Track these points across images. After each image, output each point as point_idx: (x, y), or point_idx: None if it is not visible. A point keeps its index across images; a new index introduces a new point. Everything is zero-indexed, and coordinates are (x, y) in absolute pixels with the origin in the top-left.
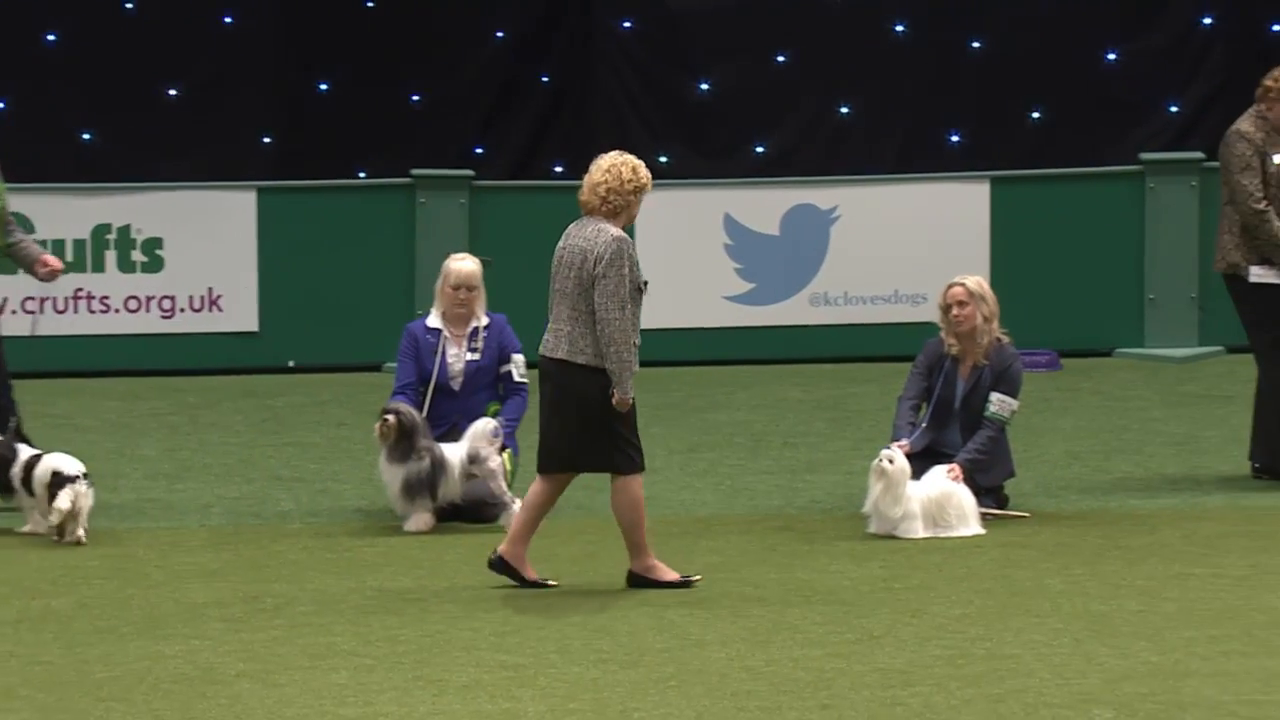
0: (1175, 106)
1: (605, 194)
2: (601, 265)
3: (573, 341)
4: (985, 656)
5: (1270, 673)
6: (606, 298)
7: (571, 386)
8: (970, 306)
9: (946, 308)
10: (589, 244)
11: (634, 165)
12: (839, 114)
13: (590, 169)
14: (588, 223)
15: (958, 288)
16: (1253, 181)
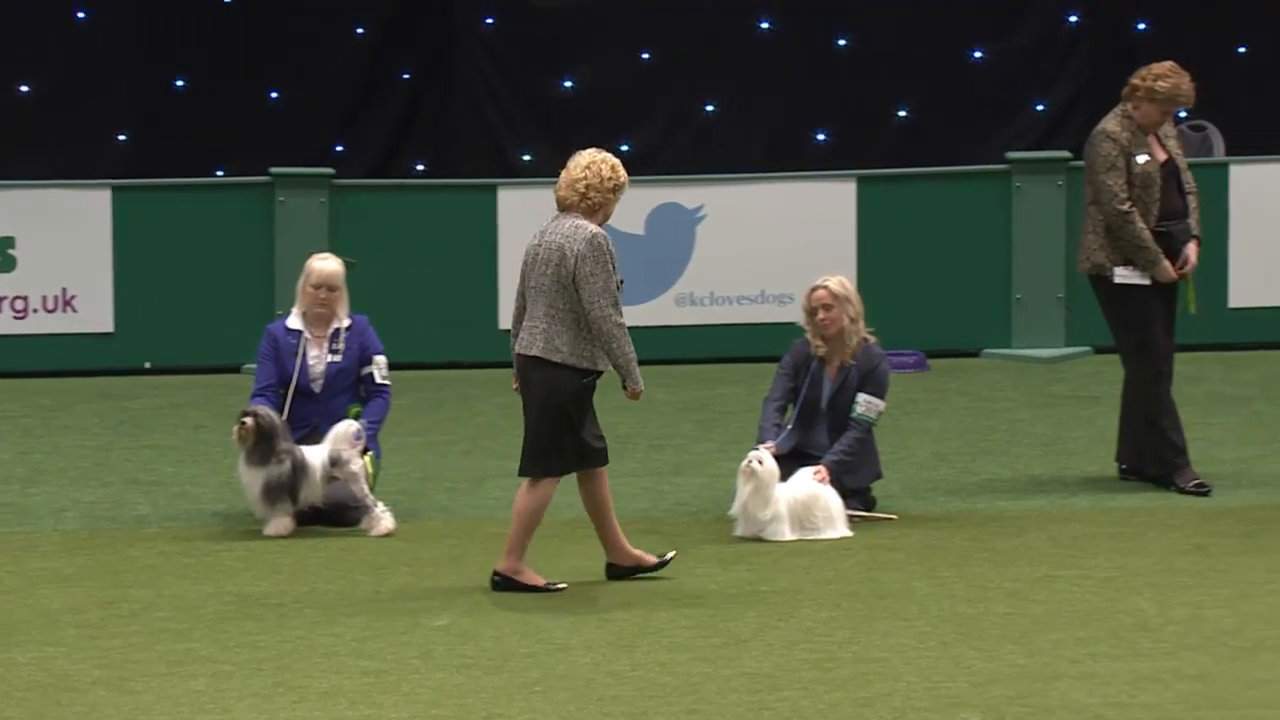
0: (1041, 105)
1: (585, 190)
2: (585, 264)
3: (548, 339)
4: (852, 660)
5: (1138, 675)
6: (596, 295)
7: (543, 384)
8: (836, 309)
9: (812, 311)
10: (567, 241)
11: (613, 163)
12: (704, 112)
13: (568, 165)
14: (564, 219)
15: (821, 290)
16: (1118, 182)
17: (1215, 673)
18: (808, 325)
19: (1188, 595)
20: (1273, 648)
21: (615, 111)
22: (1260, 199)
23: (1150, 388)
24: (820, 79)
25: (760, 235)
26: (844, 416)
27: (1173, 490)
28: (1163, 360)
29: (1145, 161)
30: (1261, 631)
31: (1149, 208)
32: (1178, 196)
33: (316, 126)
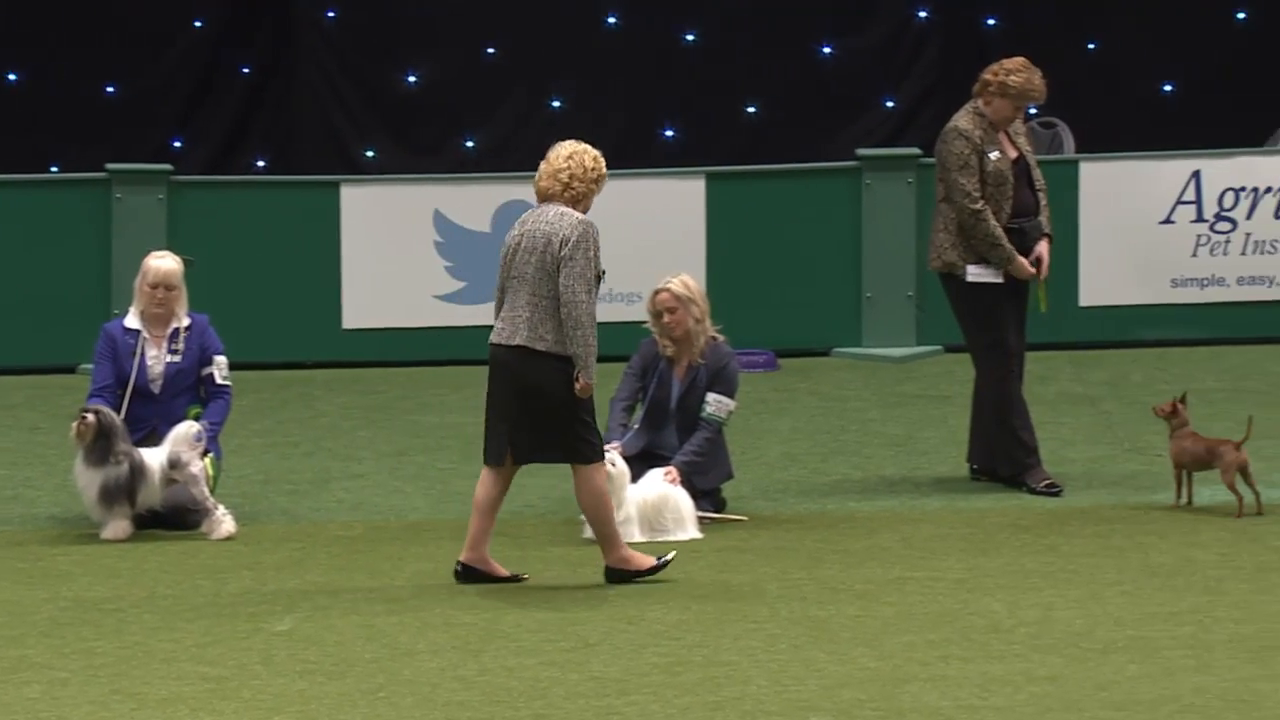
0: (891, 102)
1: (568, 180)
2: (568, 247)
3: (532, 328)
4: (702, 664)
5: (988, 677)
6: (574, 279)
7: (531, 375)
8: (680, 311)
9: (657, 314)
10: (553, 228)
11: (595, 154)
12: (550, 108)
13: (548, 156)
14: (548, 208)
15: (664, 294)
16: (970, 180)
17: (1066, 674)
18: (654, 327)
19: (1039, 596)
20: (1123, 649)
21: (461, 107)
22: (1110, 197)
23: (1001, 387)
24: (668, 75)
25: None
26: (693, 417)
27: (1024, 490)
28: (1014, 359)
29: (997, 158)
30: (1112, 632)
31: (1001, 205)
32: (1029, 194)
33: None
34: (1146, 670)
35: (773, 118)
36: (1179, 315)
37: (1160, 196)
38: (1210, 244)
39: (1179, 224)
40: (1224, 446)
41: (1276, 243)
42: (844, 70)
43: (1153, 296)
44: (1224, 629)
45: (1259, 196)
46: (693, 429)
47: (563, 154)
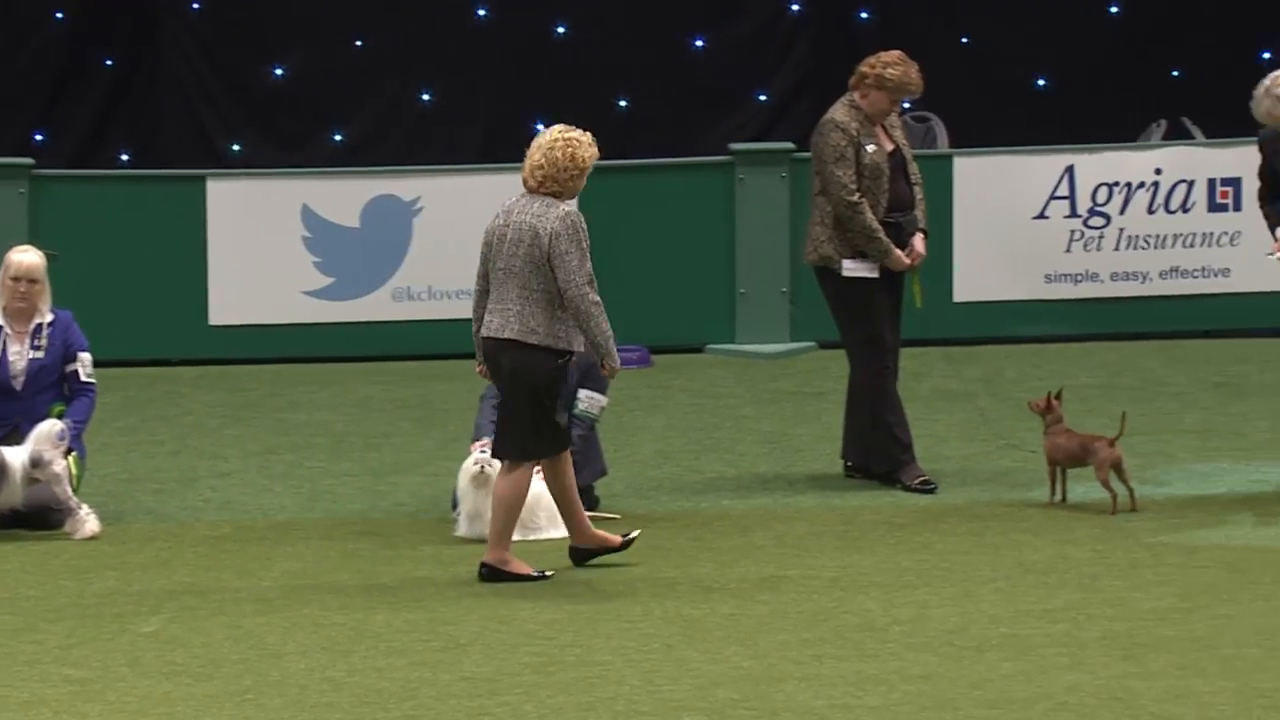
0: (764, 95)
1: (542, 178)
2: (560, 242)
3: (523, 321)
4: (575, 663)
5: (863, 675)
6: (572, 273)
7: (524, 369)
8: None
9: None
10: (539, 221)
11: (572, 151)
12: (420, 101)
13: (531, 146)
14: (532, 199)
15: None
16: (847, 173)
17: (940, 673)
18: None
19: (913, 594)
20: (997, 646)
21: (328, 100)
22: (984, 192)
23: (876, 383)
24: (539, 68)
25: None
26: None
27: (898, 488)
28: (888, 355)
29: (874, 151)
30: (986, 630)
31: (878, 198)
32: (905, 188)
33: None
34: (1020, 668)
35: (644, 111)
36: (1053, 311)
37: (1034, 192)
38: (1084, 239)
39: (1053, 219)
40: (1098, 443)
41: (1150, 238)
42: (716, 64)
43: (1027, 292)
44: (1098, 626)
45: (1132, 192)
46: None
47: (543, 144)
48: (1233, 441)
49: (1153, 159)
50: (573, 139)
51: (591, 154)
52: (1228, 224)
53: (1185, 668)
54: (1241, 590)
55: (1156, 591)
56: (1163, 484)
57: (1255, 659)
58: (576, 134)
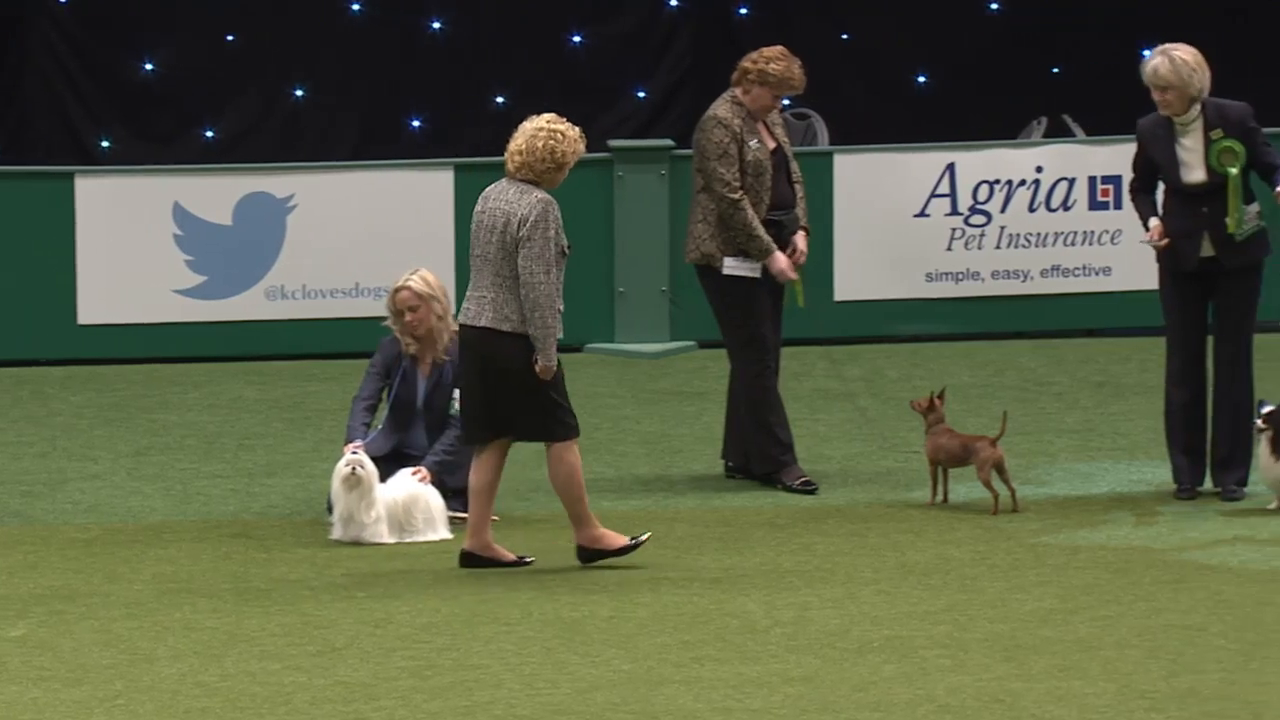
0: (643, 92)
1: (520, 164)
2: (526, 227)
3: (497, 309)
4: (453, 667)
5: (743, 678)
6: (531, 260)
7: (496, 356)
8: (422, 309)
9: (398, 313)
10: (512, 207)
11: (553, 145)
12: (294, 97)
13: (517, 129)
14: (509, 185)
15: (405, 292)
16: (730, 170)
17: (822, 675)
18: (395, 325)
19: (794, 596)
20: (879, 648)
21: (200, 96)
22: (865, 190)
23: (757, 383)
24: (414, 64)
25: (354, 226)
26: (441, 415)
27: (780, 488)
28: (770, 355)
29: (757, 148)
30: (868, 632)
31: (760, 197)
32: (787, 186)
33: None
34: (902, 670)
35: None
36: (934, 310)
37: (915, 189)
38: (965, 237)
39: (934, 217)
40: (980, 443)
41: (1031, 237)
42: (595, 59)
43: (908, 291)
44: (979, 628)
45: (1013, 189)
46: (442, 427)
47: (527, 131)
48: (1114, 441)
49: (1034, 157)
50: (557, 132)
51: (574, 150)
52: (1109, 222)
53: (1067, 669)
54: (1123, 591)
55: (1038, 593)
56: (1044, 484)
57: (1137, 660)
58: (564, 128)
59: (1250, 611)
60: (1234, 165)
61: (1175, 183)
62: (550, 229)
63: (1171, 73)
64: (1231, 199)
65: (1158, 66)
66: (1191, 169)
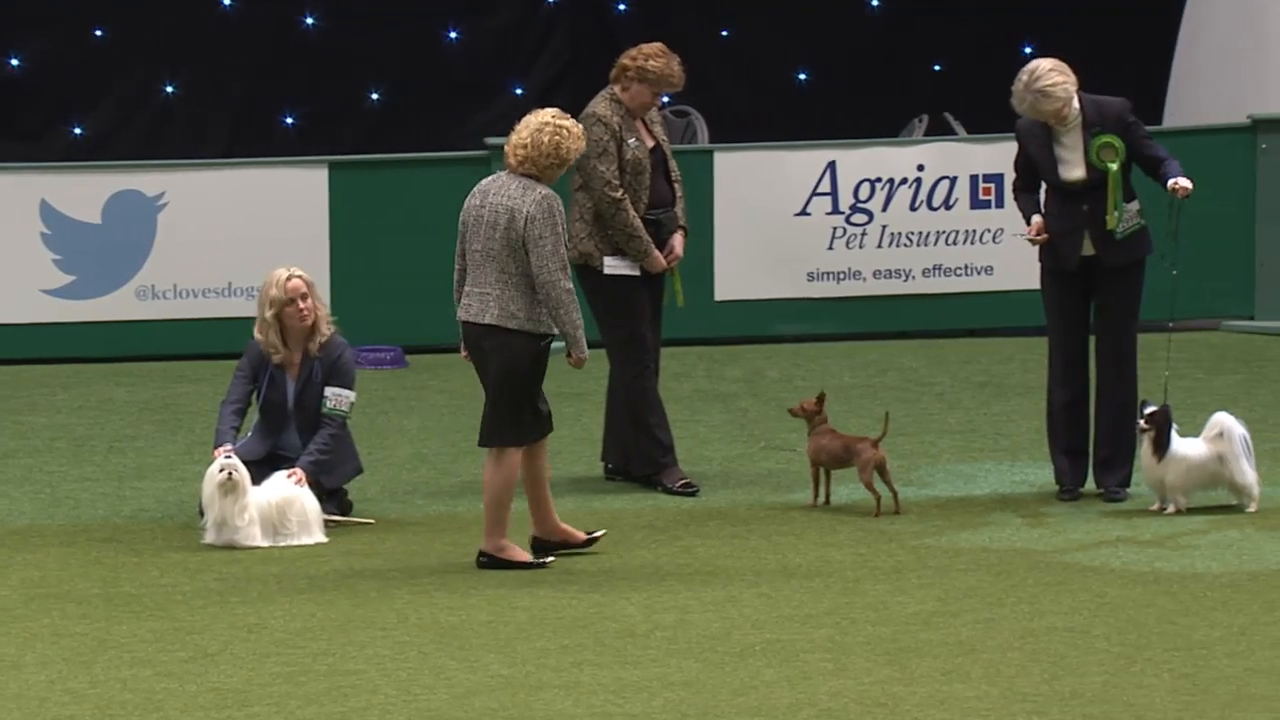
0: (520, 89)
1: (523, 158)
2: (535, 226)
3: (502, 306)
4: (327, 673)
5: (623, 683)
6: (546, 259)
7: (500, 352)
8: (311, 298)
9: (288, 300)
10: (516, 203)
11: (558, 140)
12: (163, 93)
13: (520, 123)
14: (510, 180)
15: (296, 280)
16: (609, 168)
17: (702, 679)
18: (267, 324)
19: (675, 599)
20: (760, 652)
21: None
22: (745, 188)
23: (637, 384)
24: (288, 59)
25: (226, 224)
26: (314, 415)
27: (660, 490)
28: (649, 355)
29: (636, 146)
30: (749, 636)
31: (639, 195)
32: (665, 185)
33: None
34: (784, 674)
35: (398, 104)
36: (815, 310)
37: (795, 188)
38: (846, 236)
39: (814, 216)
40: (862, 444)
41: (912, 235)
42: (471, 55)
43: (789, 291)
44: (861, 631)
45: (894, 188)
46: (315, 428)
47: (531, 125)
48: (996, 442)
49: (915, 155)
50: (562, 128)
51: (577, 147)
52: (990, 221)
53: (949, 672)
54: (1005, 593)
55: (920, 595)
56: (926, 485)
57: (1019, 663)
58: (569, 124)
59: (1133, 613)
60: (1114, 161)
61: (1055, 181)
62: (559, 225)
63: (1051, 103)
64: (1111, 195)
65: (1035, 105)
66: (1071, 166)
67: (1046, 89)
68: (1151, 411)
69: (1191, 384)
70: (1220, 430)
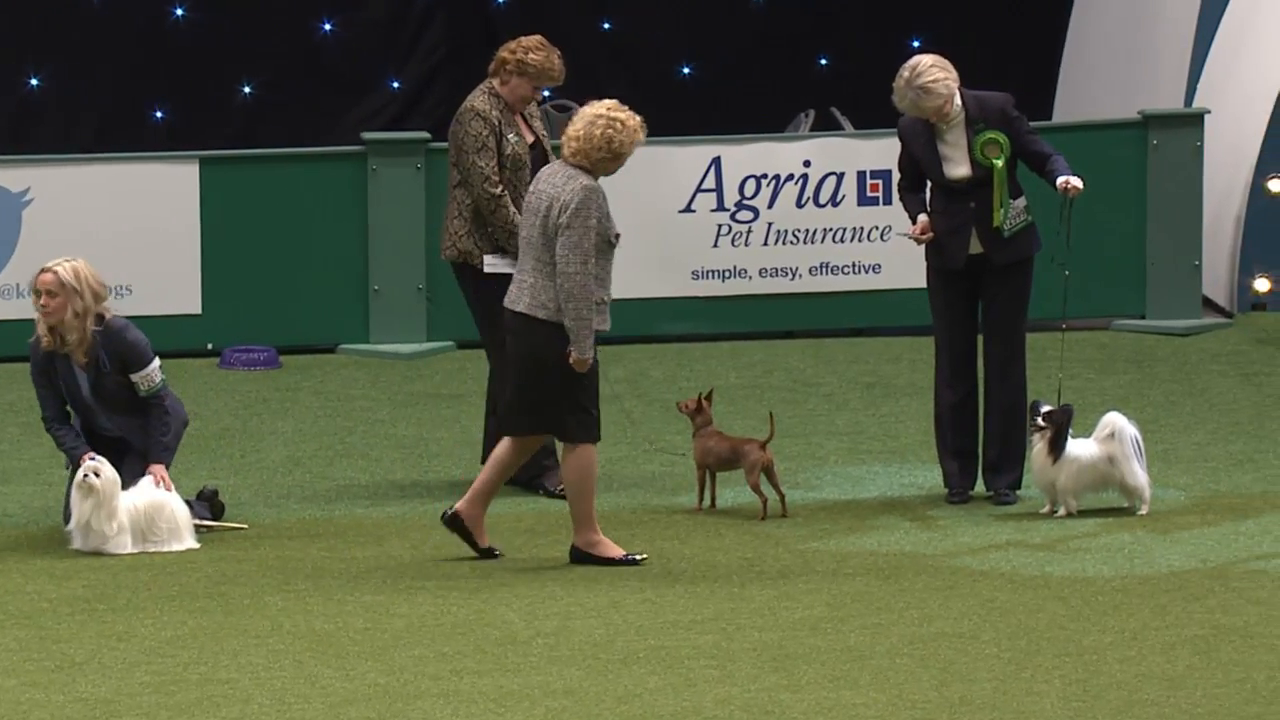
0: (396, 83)
1: (576, 149)
2: (567, 214)
3: (534, 295)
4: (199, 682)
5: (504, 691)
6: (569, 249)
7: (529, 342)
8: (60, 298)
9: (36, 293)
10: (556, 191)
11: (611, 134)
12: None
13: (577, 112)
14: (560, 169)
15: (48, 275)
16: (489, 163)
17: (585, 687)
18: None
19: (556, 605)
20: (644, 659)
21: None
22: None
23: None
24: (157, 53)
25: (94, 221)
26: (116, 398)
27: (541, 494)
28: None
29: (516, 141)
30: (633, 642)
31: (519, 192)
32: None
33: None
34: (668, 681)
35: (271, 99)
36: (700, 308)
37: (680, 184)
38: (732, 234)
39: (699, 213)
40: (749, 446)
41: (799, 233)
42: (346, 48)
43: (673, 289)
44: (747, 637)
45: (780, 184)
46: (124, 410)
47: (586, 116)
48: (884, 444)
49: (801, 151)
50: (617, 120)
51: (632, 140)
52: (878, 218)
53: (837, 679)
54: (894, 598)
55: (807, 600)
56: (813, 488)
57: (907, 669)
58: (624, 116)
59: (1022, 618)
60: (999, 157)
61: (940, 179)
62: (591, 217)
63: (933, 100)
64: (997, 192)
65: (916, 102)
66: (955, 164)
67: (928, 85)
68: (1050, 410)
69: (1082, 384)
70: (1112, 431)
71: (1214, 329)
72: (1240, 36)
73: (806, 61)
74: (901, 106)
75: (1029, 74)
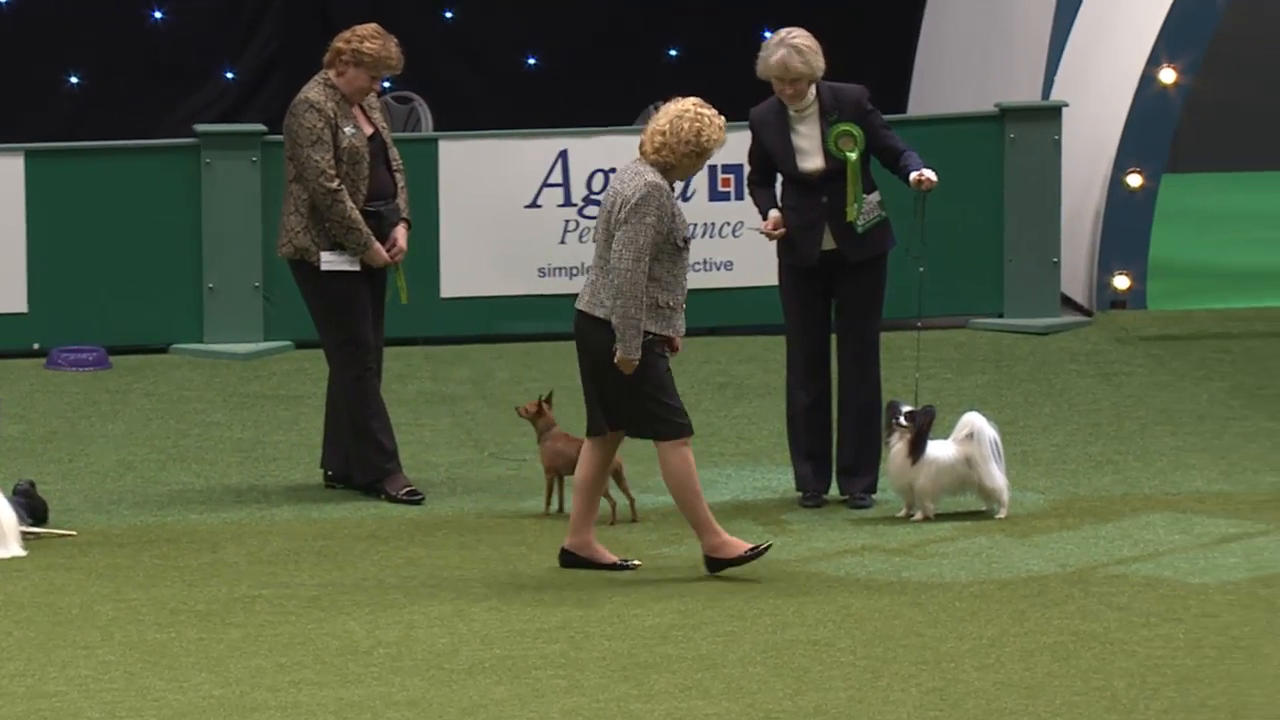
0: (231, 73)
1: (659, 145)
2: (626, 210)
3: (594, 292)
4: (25, 695)
5: (344, 703)
6: (623, 245)
7: (591, 342)
8: None
9: None
10: (623, 186)
11: (699, 128)
12: None
13: (659, 111)
14: (632, 165)
15: None
16: (325, 157)
17: (428, 698)
18: None
19: (399, 614)
20: (490, 669)
21: None
22: (472, 178)
23: (357, 386)
24: None
25: None
26: None
27: (383, 498)
28: (370, 355)
29: (353, 134)
30: (478, 652)
31: (358, 186)
32: (386, 174)
33: None
34: (515, 691)
35: (99, 89)
36: (547, 307)
37: (525, 178)
38: (580, 230)
39: (546, 208)
40: None
41: None
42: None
43: (519, 287)
44: (596, 645)
45: None
46: None
47: (670, 113)
48: (737, 446)
49: None
50: (704, 115)
51: (718, 139)
52: (730, 213)
53: (689, 688)
54: (746, 605)
55: (658, 608)
56: (664, 492)
57: (760, 677)
58: (711, 113)
59: (879, 625)
60: (852, 150)
61: (792, 172)
62: (649, 215)
63: (802, 64)
64: (851, 186)
65: (785, 60)
66: (809, 156)
67: (800, 45)
68: (911, 411)
69: (939, 384)
70: (970, 431)
71: (1073, 327)
72: (1099, 27)
73: (656, 53)
74: (763, 63)
75: (884, 67)
